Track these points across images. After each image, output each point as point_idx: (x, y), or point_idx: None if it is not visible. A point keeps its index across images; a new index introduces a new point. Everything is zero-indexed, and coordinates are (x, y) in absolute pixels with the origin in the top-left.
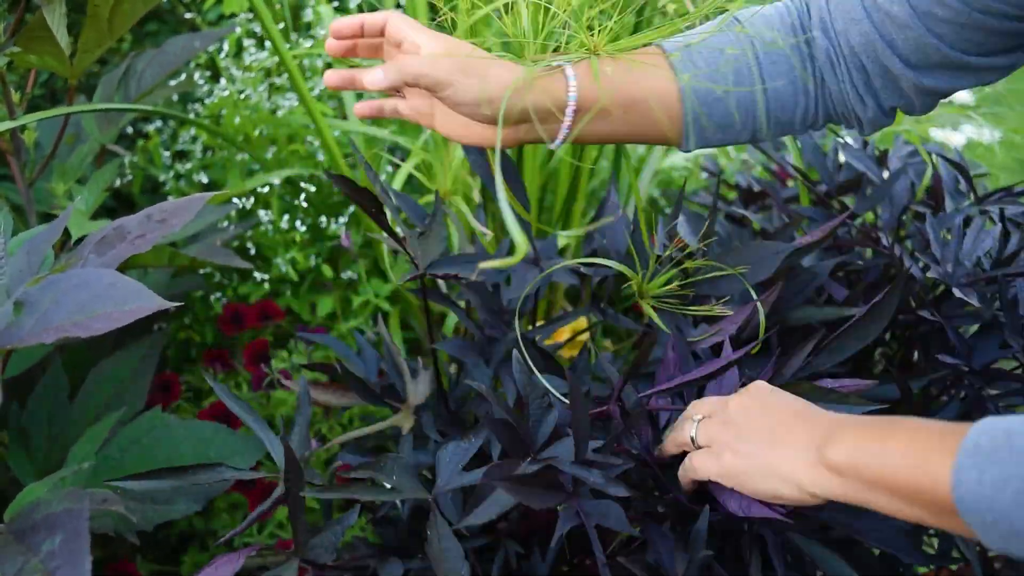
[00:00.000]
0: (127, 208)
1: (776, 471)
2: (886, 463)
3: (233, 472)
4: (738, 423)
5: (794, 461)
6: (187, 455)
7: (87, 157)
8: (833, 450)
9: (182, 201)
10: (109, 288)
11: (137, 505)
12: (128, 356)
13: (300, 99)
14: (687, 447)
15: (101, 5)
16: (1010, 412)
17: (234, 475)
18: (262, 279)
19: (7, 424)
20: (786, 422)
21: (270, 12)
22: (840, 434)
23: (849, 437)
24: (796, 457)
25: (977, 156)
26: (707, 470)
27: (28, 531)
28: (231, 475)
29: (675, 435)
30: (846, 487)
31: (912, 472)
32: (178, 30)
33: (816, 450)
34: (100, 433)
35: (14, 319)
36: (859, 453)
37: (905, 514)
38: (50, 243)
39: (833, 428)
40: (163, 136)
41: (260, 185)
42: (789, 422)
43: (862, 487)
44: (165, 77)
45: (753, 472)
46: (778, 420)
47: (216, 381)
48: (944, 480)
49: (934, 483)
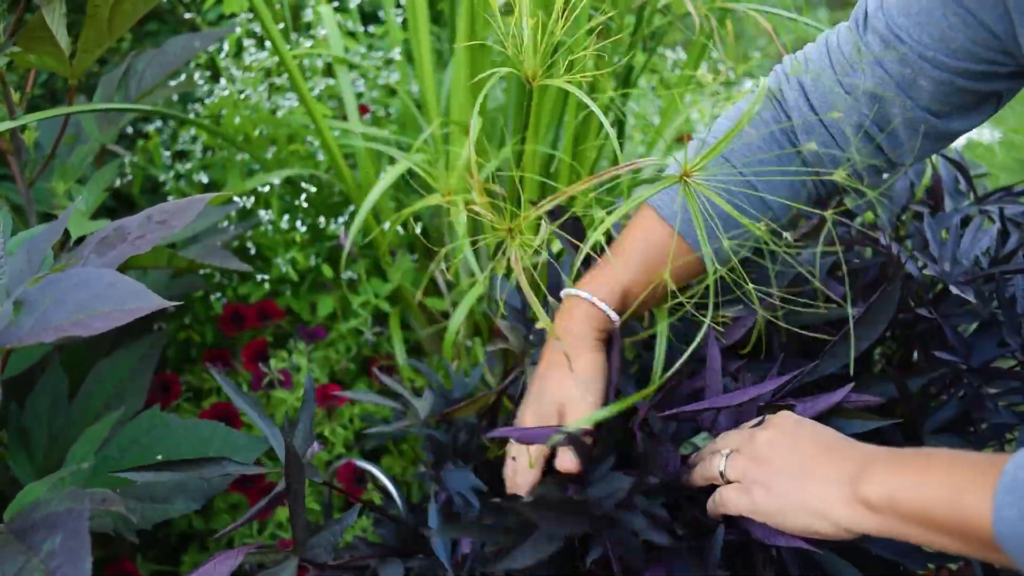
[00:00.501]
0: (127, 208)
1: (809, 507)
2: (922, 499)
3: (236, 467)
4: (768, 459)
5: (827, 498)
6: (186, 454)
7: (87, 157)
8: (867, 486)
9: (182, 202)
10: (109, 288)
11: (136, 504)
12: (128, 356)
13: (300, 99)
14: (716, 481)
15: (101, 5)
16: (1009, 411)
17: (237, 469)
18: (262, 279)
19: (7, 424)
20: (816, 456)
21: (270, 12)
22: (873, 469)
23: (883, 472)
24: (829, 494)
25: (977, 156)
26: (738, 506)
27: (28, 530)
28: (234, 469)
29: (703, 469)
30: (881, 522)
31: (950, 508)
32: (178, 30)
33: (849, 485)
34: (99, 433)
35: (14, 318)
36: (894, 489)
37: (944, 546)
38: (50, 243)
39: (865, 462)
40: (163, 136)
41: (260, 185)
42: (820, 456)
43: (898, 522)
44: (165, 77)
45: (786, 510)
46: (808, 455)
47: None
48: (984, 517)
49: (973, 519)
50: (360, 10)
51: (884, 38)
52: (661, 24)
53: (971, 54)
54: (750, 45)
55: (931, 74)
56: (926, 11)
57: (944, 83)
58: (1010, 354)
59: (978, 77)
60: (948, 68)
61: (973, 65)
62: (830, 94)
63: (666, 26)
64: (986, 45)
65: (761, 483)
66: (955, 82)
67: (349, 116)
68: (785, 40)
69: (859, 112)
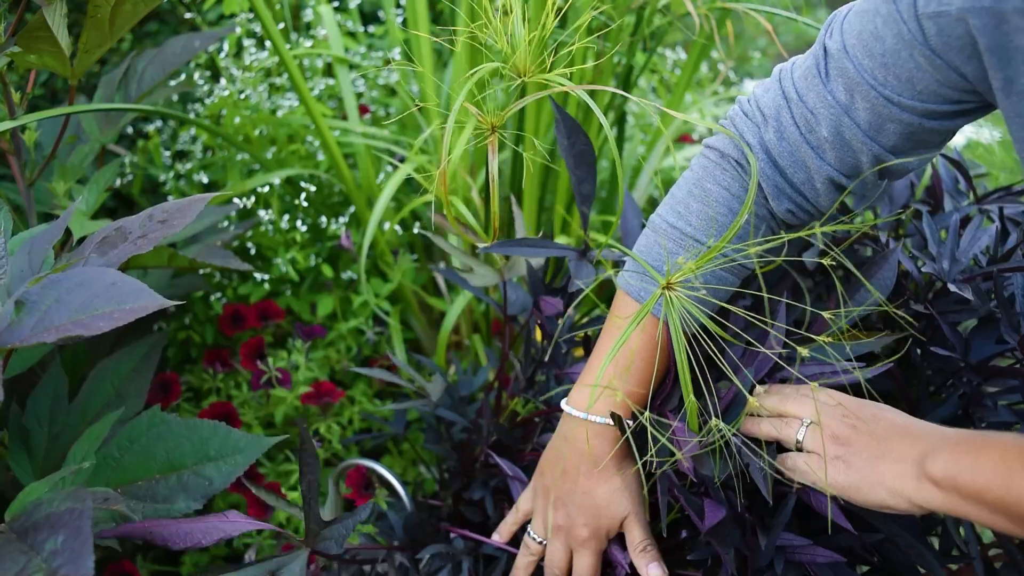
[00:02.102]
0: (127, 208)
1: (884, 483)
2: (977, 478)
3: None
4: (849, 439)
5: (901, 474)
6: (187, 454)
7: (87, 157)
8: (933, 464)
9: (183, 202)
10: (110, 287)
11: (137, 504)
12: (128, 356)
13: (300, 99)
14: (787, 444)
15: (102, 5)
16: (1008, 409)
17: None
18: (262, 279)
19: (8, 424)
20: (890, 438)
21: (270, 12)
22: (939, 450)
23: (947, 453)
24: (903, 471)
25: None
26: (813, 478)
27: (30, 530)
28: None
29: (775, 429)
30: (945, 499)
31: (1003, 488)
32: (178, 30)
33: (919, 464)
34: (100, 432)
35: (15, 319)
36: (955, 467)
37: (999, 525)
38: (51, 243)
39: (934, 442)
40: (163, 136)
41: (260, 185)
42: (894, 438)
43: (959, 499)
44: (165, 77)
45: (862, 485)
46: (884, 436)
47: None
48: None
49: (1020, 498)
50: (360, 10)
51: (848, 86)
52: (661, 24)
53: (937, 95)
54: (750, 45)
55: (899, 117)
56: (892, 52)
57: (911, 125)
58: (1008, 352)
59: (944, 116)
60: (916, 111)
61: (939, 106)
62: (798, 152)
63: (666, 26)
64: (953, 86)
65: (842, 459)
66: (923, 124)
67: (349, 116)
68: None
69: (828, 165)
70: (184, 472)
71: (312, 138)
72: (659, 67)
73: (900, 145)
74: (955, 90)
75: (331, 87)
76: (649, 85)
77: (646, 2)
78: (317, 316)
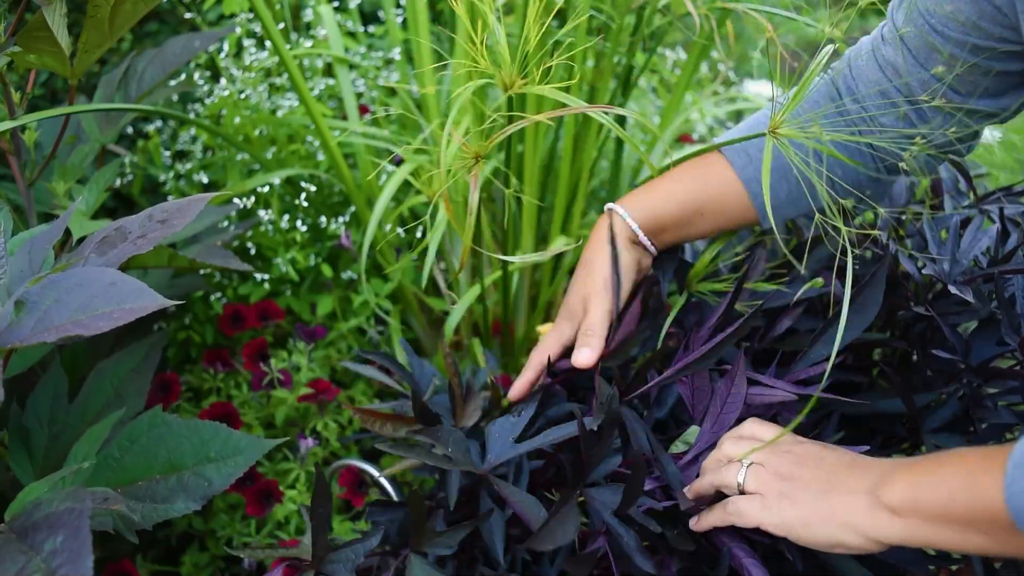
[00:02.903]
0: (127, 208)
1: (835, 517)
2: (940, 494)
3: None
4: (793, 474)
5: (853, 508)
6: (187, 454)
7: (87, 157)
8: (889, 491)
9: (183, 202)
10: (110, 287)
11: (136, 504)
12: (128, 356)
13: (300, 99)
14: (729, 491)
15: (102, 5)
16: (1008, 410)
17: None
18: (262, 279)
19: (8, 424)
20: (839, 471)
21: (270, 12)
22: (893, 475)
23: (903, 476)
24: (855, 503)
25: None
26: (759, 518)
27: (30, 530)
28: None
29: (717, 478)
30: (905, 527)
31: (967, 495)
32: (178, 30)
33: (873, 494)
34: (100, 433)
35: (15, 319)
36: (914, 490)
37: (972, 544)
38: (51, 243)
39: (886, 471)
40: (163, 136)
41: (260, 185)
42: (843, 471)
43: (921, 524)
44: (165, 77)
45: (812, 522)
46: (832, 470)
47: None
48: (998, 497)
49: (989, 501)
50: (360, 10)
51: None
52: (661, 24)
53: (979, 29)
54: (750, 45)
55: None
56: None
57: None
58: (1009, 354)
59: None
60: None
61: (981, 41)
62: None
63: (666, 26)
64: (992, 19)
65: (787, 496)
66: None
67: (349, 116)
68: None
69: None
70: (184, 473)
71: (312, 138)
72: (659, 67)
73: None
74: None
75: (331, 87)
76: (649, 85)
77: (646, 2)
78: (317, 316)
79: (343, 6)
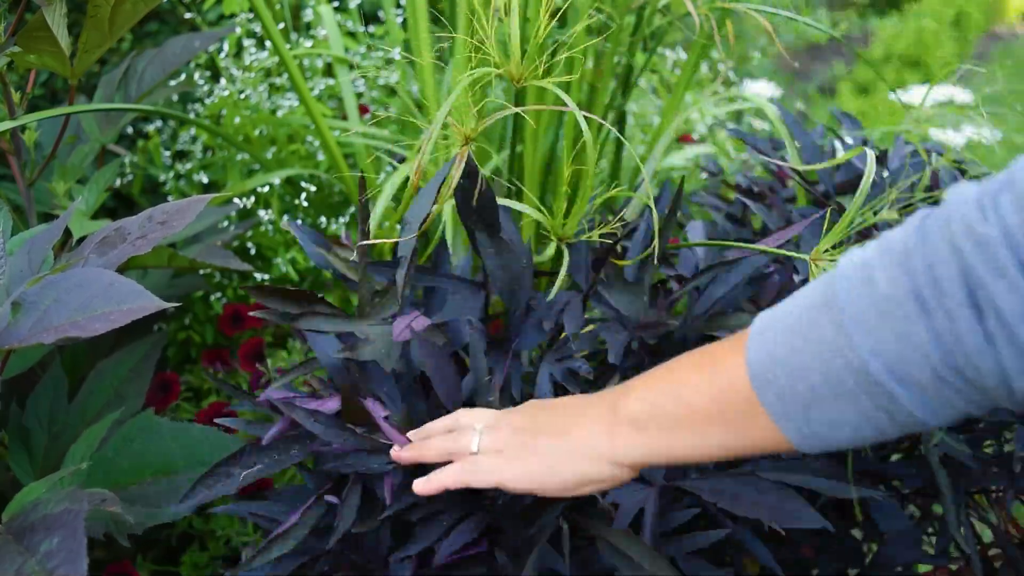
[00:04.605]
0: (127, 208)
1: (576, 451)
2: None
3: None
4: (530, 426)
5: (592, 433)
6: (178, 456)
7: (87, 157)
8: (627, 405)
9: (183, 202)
10: (108, 288)
11: (128, 507)
12: (128, 356)
13: (300, 99)
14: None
15: (102, 5)
16: (1008, 410)
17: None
18: (262, 279)
19: (7, 424)
20: (575, 408)
21: (270, 12)
22: (629, 390)
23: (639, 387)
24: (595, 429)
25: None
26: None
27: (26, 531)
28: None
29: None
30: (648, 440)
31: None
32: (178, 30)
33: (611, 414)
34: (98, 433)
35: (13, 319)
36: (652, 394)
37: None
38: (50, 243)
39: (619, 390)
40: (163, 136)
41: (260, 185)
42: (578, 407)
43: (665, 432)
44: (165, 77)
45: (555, 463)
46: (568, 412)
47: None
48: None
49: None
50: (360, 10)
51: None
52: (661, 24)
53: None
54: (750, 45)
55: None
56: None
57: None
58: None
59: None
60: None
61: None
62: None
63: (666, 26)
64: None
65: (527, 446)
66: None
67: (349, 116)
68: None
69: None
70: (176, 476)
71: (312, 138)
72: (659, 67)
73: None
74: None
75: (331, 87)
76: (649, 85)
77: (646, 2)
78: None
79: (343, 6)
